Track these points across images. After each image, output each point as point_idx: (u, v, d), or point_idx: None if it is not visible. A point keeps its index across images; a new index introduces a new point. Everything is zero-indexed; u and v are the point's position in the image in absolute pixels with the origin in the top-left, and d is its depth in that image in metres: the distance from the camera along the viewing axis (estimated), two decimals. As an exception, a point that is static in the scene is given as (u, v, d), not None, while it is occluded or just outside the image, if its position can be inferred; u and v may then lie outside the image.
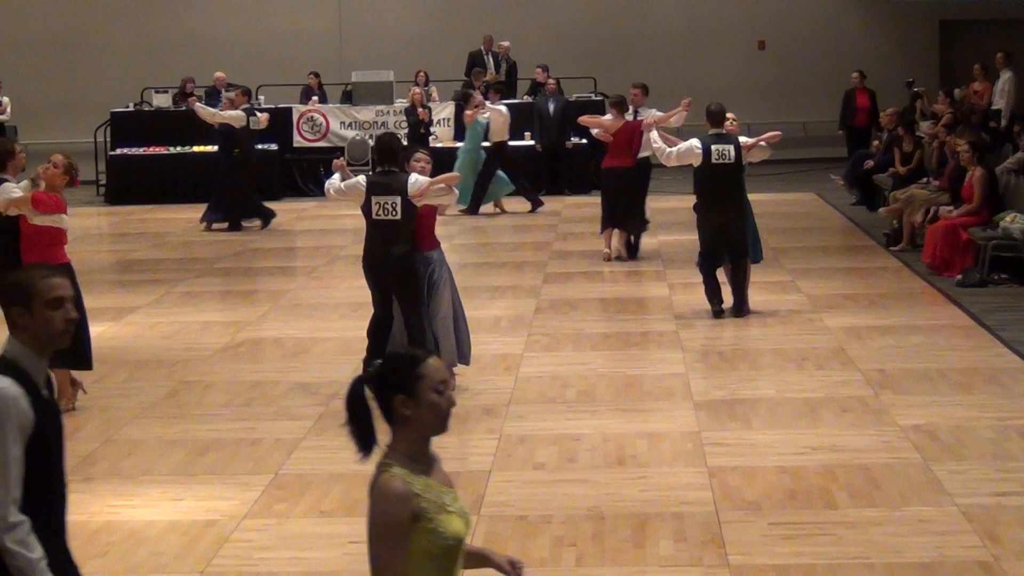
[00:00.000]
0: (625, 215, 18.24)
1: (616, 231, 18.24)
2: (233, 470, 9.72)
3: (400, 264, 11.26)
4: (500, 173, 23.08)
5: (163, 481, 9.57)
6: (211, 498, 9.16)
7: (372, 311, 11.66)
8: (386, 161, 11.43)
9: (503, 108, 23.74)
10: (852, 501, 8.72)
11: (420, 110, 25.01)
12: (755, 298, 15.16)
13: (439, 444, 4.46)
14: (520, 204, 23.54)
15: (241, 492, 9.19)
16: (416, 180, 11.25)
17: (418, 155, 11.64)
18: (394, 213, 11.20)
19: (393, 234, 11.23)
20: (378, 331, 11.52)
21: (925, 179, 19.86)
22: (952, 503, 8.60)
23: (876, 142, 24.06)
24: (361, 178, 11.54)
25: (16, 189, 11.28)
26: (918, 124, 23.08)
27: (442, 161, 19.50)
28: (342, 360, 12.85)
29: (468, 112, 23.21)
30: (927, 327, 13.82)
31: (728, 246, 14.46)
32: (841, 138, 27.21)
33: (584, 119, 19.62)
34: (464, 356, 11.83)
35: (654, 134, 15.42)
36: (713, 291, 14.54)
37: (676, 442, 10.15)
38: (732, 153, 14.38)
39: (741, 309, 14.50)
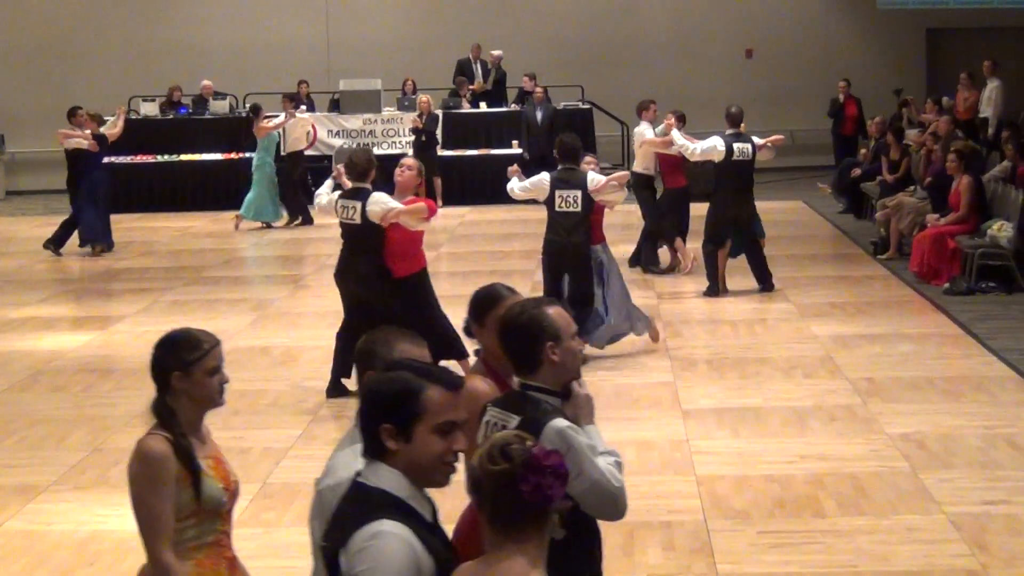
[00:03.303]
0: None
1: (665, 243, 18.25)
2: (221, 479, 9.69)
3: (578, 250, 12.79)
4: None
5: (151, 490, 9.53)
6: (199, 507, 9.12)
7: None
8: (569, 159, 12.90)
9: (306, 116, 23.90)
10: (840, 510, 8.73)
11: (415, 118, 25.11)
12: (743, 306, 15.25)
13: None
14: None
15: (229, 501, 9.16)
16: (594, 177, 12.83)
17: (588, 158, 13.28)
18: (575, 206, 12.75)
19: (573, 224, 12.77)
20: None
21: (913, 187, 19.89)
22: (940, 511, 8.61)
23: (863, 150, 24.10)
24: (545, 175, 13.02)
25: (388, 198, 11.39)
26: (905, 132, 23.12)
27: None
28: (329, 368, 12.83)
29: (261, 125, 23.14)
30: (915, 335, 13.83)
31: (738, 236, 15.76)
32: (829, 146, 27.27)
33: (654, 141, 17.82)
34: (638, 329, 13.30)
35: (676, 133, 16.32)
36: (712, 274, 15.82)
37: (664, 451, 10.15)
38: (750, 151, 15.70)
39: (767, 285, 15.96)
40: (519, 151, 25.45)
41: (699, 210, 16.91)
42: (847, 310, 15.15)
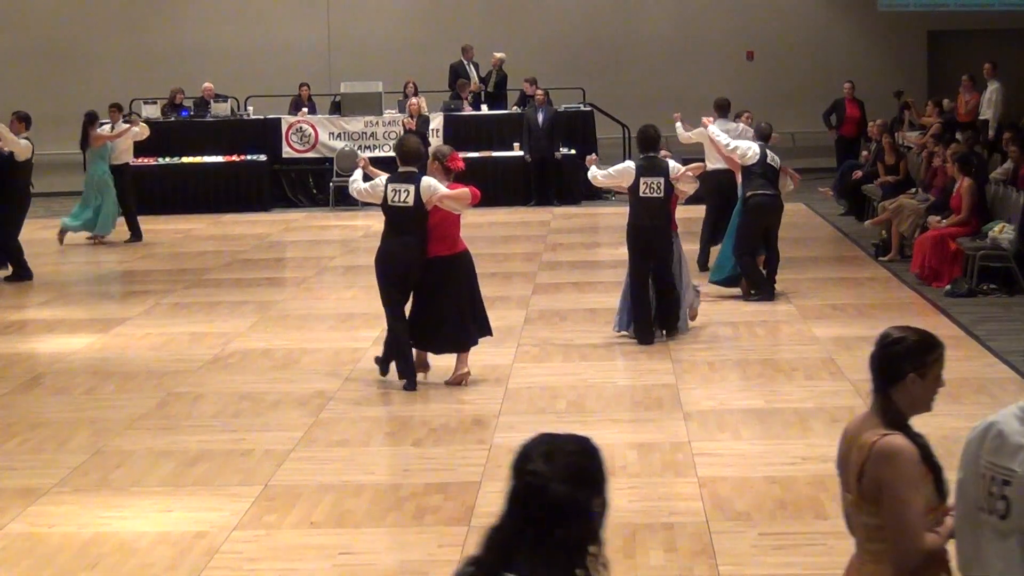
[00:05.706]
0: None
1: None
2: (223, 481, 9.70)
3: (662, 233, 13.60)
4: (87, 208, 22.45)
5: (153, 492, 9.55)
6: (201, 509, 9.15)
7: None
8: (649, 148, 13.73)
9: (142, 128, 23.50)
10: (842, 511, 8.70)
11: (406, 119, 25.10)
12: (744, 308, 15.26)
13: (429, 456, 4.43)
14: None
15: (231, 503, 9.17)
16: (674, 165, 13.73)
17: (663, 152, 14.17)
18: (659, 192, 13.59)
19: (656, 209, 13.59)
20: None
21: (914, 189, 19.90)
22: (942, 513, 8.59)
23: (865, 152, 24.09)
24: (630, 163, 14.02)
25: (436, 182, 11.91)
26: (904, 134, 23.11)
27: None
28: (331, 371, 12.85)
29: (96, 133, 22.71)
30: (916, 337, 13.78)
31: (766, 242, 15.93)
32: (830, 148, 27.25)
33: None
34: (695, 304, 14.33)
35: (712, 127, 16.48)
36: (761, 280, 15.81)
37: (666, 452, 10.15)
38: (778, 163, 15.95)
39: (773, 295, 15.86)
40: (521, 153, 25.48)
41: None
42: (848, 312, 15.15)
